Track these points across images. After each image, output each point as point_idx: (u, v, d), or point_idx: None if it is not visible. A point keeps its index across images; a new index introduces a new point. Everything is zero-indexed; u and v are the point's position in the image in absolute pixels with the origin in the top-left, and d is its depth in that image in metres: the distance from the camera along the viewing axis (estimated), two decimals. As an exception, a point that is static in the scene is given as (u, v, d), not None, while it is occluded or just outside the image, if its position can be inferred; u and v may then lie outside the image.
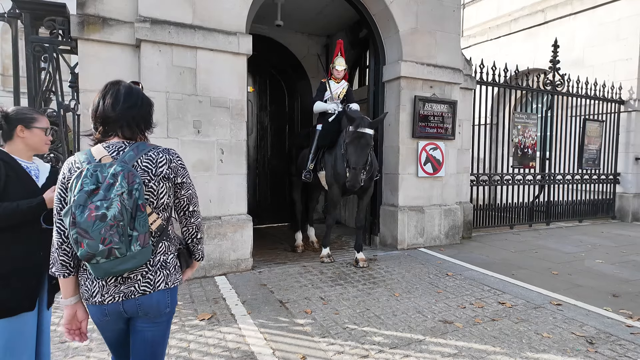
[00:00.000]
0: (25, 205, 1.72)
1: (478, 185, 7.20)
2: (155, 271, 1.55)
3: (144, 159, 1.52)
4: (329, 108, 5.27)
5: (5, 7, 4.28)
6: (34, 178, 1.85)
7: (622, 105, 8.84)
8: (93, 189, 1.37)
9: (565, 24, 9.79)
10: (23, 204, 1.72)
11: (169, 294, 1.59)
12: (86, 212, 1.34)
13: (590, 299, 3.91)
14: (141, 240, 1.42)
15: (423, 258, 5.34)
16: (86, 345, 2.84)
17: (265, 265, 4.94)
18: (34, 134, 1.86)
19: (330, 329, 3.16)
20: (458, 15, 6.14)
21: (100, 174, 1.40)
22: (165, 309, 1.59)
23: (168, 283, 1.59)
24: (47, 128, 1.92)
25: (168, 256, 1.61)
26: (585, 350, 2.88)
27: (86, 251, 1.34)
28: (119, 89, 1.56)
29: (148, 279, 1.53)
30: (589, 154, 8.64)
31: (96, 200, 1.36)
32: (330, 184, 5.11)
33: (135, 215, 1.41)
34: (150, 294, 1.54)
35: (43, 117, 1.93)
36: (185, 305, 3.60)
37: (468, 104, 6.72)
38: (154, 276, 1.55)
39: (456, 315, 3.48)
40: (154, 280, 1.55)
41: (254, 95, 7.60)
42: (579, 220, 8.57)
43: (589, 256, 5.64)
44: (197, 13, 4.39)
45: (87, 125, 4.11)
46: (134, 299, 1.51)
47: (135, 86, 1.64)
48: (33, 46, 4.12)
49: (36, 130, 1.86)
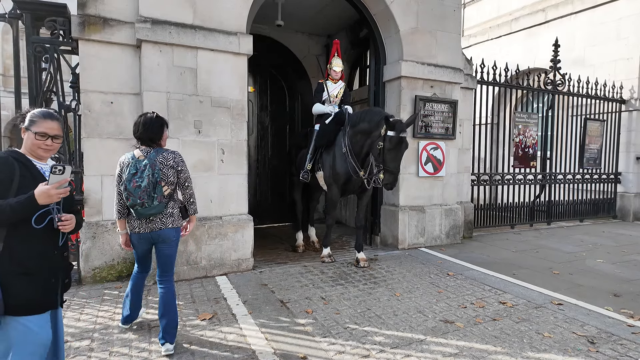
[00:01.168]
0: (14, 201, 1.71)
1: (479, 185, 7.20)
2: (167, 217, 2.81)
3: (160, 157, 2.78)
4: (326, 111, 5.27)
5: (6, 7, 4.29)
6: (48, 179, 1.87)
7: (623, 104, 8.83)
8: (134, 172, 2.69)
9: (565, 23, 9.78)
10: (12, 200, 1.71)
11: (174, 230, 2.85)
12: (131, 183, 2.67)
13: (592, 299, 3.91)
14: (159, 199, 2.71)
15: (424, 258, 5.34)
16: (87, 345, 2.85)
17: (266, 265, 4.94)
18: (27, 137, 1.86)
19: (331, 328, 3.16)
20: (458, 15, 6.14)
21: (138, 165, 2.71)
22: (173, 238, 2.85)
23: (174, 224, 2.85)
24: (43, 132, 1.85)
25: (174, 210, 2.87)
26: (587, 350, 2.87)
27: (131, 203, 2.69)
28: (141, 120, 2.82)
29: (163, 221, 2.79)
30: (590, 154, 8.63)
31: (136, 177, 2.67)
32: (329, 184, 5.11)
33: (156, 186, 2.69)
34: (164, 229, 2.79)
35: (45, 121, 1.86)
36: (187, 305, 3.60)
37: (469, 104, 6.71)
38: (167, 219, 2.81)
39: (457, 315, 3.47)
40: (166, 222, 2.80)
41: (254, 95, 7.60)
42: (580, 220, 8.56)
43: (590, 256, 5.64)
44: (198, 13, 4.39)
45: (88, 126, 4.14)
46: (156, 231, 2.78)
47: (151, 114, 2.85)
48: (34, 46, 4.13)
49: (30, 134, 1.86)
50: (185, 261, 4.33)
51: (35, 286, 1.80)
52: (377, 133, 4.51)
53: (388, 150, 4.39)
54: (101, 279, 4.21)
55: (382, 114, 4.62)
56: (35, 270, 1.81)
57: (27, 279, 1.78)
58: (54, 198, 1.74)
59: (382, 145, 4.39)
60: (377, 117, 4.60)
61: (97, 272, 4.21)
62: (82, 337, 2.96)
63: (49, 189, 1.71)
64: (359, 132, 4.76)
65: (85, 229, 4.16)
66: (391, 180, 4.46)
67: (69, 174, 1.78)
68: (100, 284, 4.14)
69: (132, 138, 4.34)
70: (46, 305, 1.86)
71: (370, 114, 4.76)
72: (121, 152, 4.28)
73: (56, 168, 1.72)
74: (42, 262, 1.84)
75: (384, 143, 4.38)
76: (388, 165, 4.41)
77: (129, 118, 4.31)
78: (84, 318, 3.31)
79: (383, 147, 4.39)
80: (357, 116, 4.91)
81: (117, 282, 4.20)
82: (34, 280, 1.80)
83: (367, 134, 4.68)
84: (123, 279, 4.28)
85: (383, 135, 4.38)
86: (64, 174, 1.74)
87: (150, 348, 2.81)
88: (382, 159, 4.41)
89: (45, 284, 1.85)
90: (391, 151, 4.39)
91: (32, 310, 1.79)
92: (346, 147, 4.85)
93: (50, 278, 1.87)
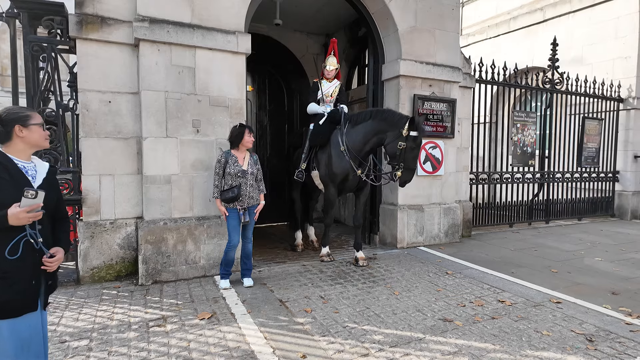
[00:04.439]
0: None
1: (477, 183, 7.21)
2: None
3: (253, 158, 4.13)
4: (319, 111, 5.27)
5: (3, 6, 4.27)
6: (30, 178, 1.82)
7: (621, 103, 8.84)
8: None
9: (564, 22, 9.79)
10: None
11: None
12: None
13: (590, 297, 3.92)
14: None
15: (423, 257, 5.35)
16: (86, 345, 2.84)
17: (265, 264, 4.94)
18: (32, 132, 1.84)
19: (330, 327, 3.16)
20: (457, 14, 6.14)
21: None
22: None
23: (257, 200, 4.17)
24: (42, 123, 1.91)
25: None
26: (585, 348, 2.88)
27: None
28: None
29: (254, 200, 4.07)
30: (588, 152, 8.65)
31: None
32: (325, 183, 5.10)
33: None
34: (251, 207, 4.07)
35: (36, 113, 1.91)
36: (185, 305, 3.60)
37: (467, 103, 6.72)
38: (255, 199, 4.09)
39: (456, 313, 3.48)
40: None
41: (253, 95, 7.60)
42: (578, 219, 8.58)
43: (588, 254, 5.65)
44: (196, 12, 4.38)
45: (86, 125, 4.13)
46: None
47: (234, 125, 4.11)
48: (31, 46, 4.11)
49: (34, 127, 1.84)
50: (184, 260, 4.32)
51: (11, 289, 1.75)
52: (394, 132, 4.53)
53: (410, 150, 4.46)
54: (100, 279, 4.21)
55: (401, 114, 4.67)
56: (13, 274, 1.76)
57: (2, 282, 1.73)
58: (24, 221, 1.70)
59: (404, 145, 4.44)
60: (396, 116, 4.62)
61: (95, 272, 4.20)
62: (80, 337, 2.96)
63: (18, 212, 1.67)
64: (366, 131, 4.75)
65: (83, 229, 4.16)
66: (410, 177, 4.61)
67: (42, 200, 1.72)
68: (98, 284, 4.14)
69: (130, 137, 4.39)
70: (24, 308, 1.81)
71: (386, 113, 4.75)
72: (119, 151, 4.32)
73: (28, 192, 1.67)
74: (20, 264, 1.78)
75: (406, 143, 4.43)
76: (409, 164, 4.52)
77: (126, 117, 4.31)
78: (83, 318, 3.30)
79: (405, 147, 4.44)
80: (363, 115, 4.89)
81: (115, 282, 4.19)
82: (10, 283, 1.75)
83: (376, 133, 4.69)
84: (122, 278, 4.28)
85: (406, 135, 4.42)
86: (36, 198, 1.69)
87: (149, 348, 2.81)
88: (403, 158, 4.48)
89: (25, 287, 1.80)
90: (413, 150, 4.48)
91: (7, 314, 1.75)
92: (344, 145, 4.85)
93: (30, 280, 1.82)
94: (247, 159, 4.09)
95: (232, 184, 3.95)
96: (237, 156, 4.04)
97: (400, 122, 4.51)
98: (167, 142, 4.30)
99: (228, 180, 3.97)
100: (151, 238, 4.20)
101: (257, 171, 4.15)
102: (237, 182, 3.96)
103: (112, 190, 4.29)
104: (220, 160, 4.01)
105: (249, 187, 4.03)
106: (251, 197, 4.07)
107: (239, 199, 3.96)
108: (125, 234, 4.33)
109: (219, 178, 4.00)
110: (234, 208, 3.99)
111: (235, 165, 3.98)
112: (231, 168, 3.97)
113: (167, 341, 2.91)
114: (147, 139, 4.23)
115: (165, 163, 4.30)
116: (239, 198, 3.94)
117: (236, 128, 4.07)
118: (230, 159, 4.01)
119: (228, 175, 3.97)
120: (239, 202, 3.98)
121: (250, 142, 4.08)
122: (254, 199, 4.11)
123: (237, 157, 4.03)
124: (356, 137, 4.83)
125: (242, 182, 3.98)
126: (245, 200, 4.02)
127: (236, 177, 3.97)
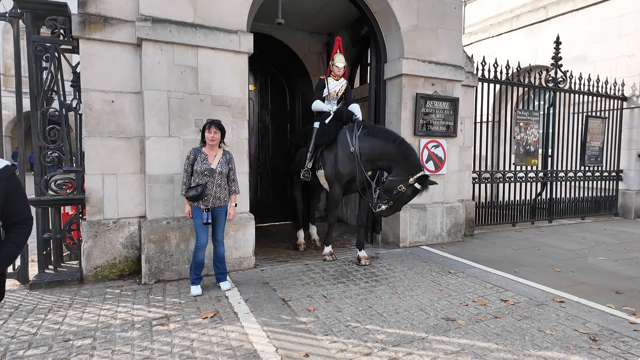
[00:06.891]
0: None
1: (480, 182, 7.19)
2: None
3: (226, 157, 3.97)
4: (324, 109, 5.21)
5: (6, 6, 4.28)
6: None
7: (625, 101, 8.81)
8: None
9: (567, 20, 9.75)
10: None
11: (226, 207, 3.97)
12: None
13: (593, 296, 3.90)
14: None
15: (425, 256, 5.34)
16: (89, 343, 2.85)
17: (268, 263, 4.94)
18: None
19: (332, 326, 3.16)
20: (459, 12, 6.12)
21: None
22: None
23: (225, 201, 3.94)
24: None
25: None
26: (589, 347, 2.87)
27: None
28: None
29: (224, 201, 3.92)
30: (592, 151, 8.62)
31: None
32: (331, 182, 5.08)
33: None
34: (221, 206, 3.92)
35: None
36: (188, 304, 3.61)
37: (470, 102, 6.70)
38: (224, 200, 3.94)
39: (459, 312, 3.47)
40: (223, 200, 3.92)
41: (255, 94, 7.60)
42: (582, 218, 8.55)
43: (591, 253, 5.63)
44: (198, 12, 4.38)
45: (89, 125, 4.14)
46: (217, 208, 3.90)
47: None
48: (35, 46, 4.13)
49: None
50: (187, 260, 4.33)
51: None
52: (402, 173, 4.53)
53: (406, 196, 4.57)
54: (103, 278, 4.22)
55: (420, 162, 4.69)
56: None
57: None
58: None
59: (403, 190, 4.51)
60: (416, 161, 4.59)
61: (99, 271, 4.22)
62: (84, 336, 2.97)
63: None
64: (382, 150, 4.68)
65: (86, 228, 4.17)
66: (389, 215, 4.86)
67: None
68: (102, 283, 4.15)
69: (133, 137, 4.40)
70: None
71: (409, 150, 4.62)
72: (122, 150, 4.33)
73: None
74: None
75: (406, 189, 4.51)
76: (397, 206, 4.68)
77: (129, 117, 4.32)
78: (86, 317, 3.31)
79: (404, 192, 4.52)
80: (383, 133, 4.77)
81: (118, 281, 4.21)
82: None
83: (391, 160, 4.66)
84: (125, 277, 4.29)
85: (411, 183, 4.48)
86: None
87: (153, 346, 2.82)
88: (395, 198, 4.57)
89: None
90: (408, 197, 4.60)
91: None
92: (355, 148, 4.81)
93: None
94: (218, 157, 3.90)
95: (199, 182, 3.79)
96: (208, 154, 3.87)
97: (415, 169, 4.53)
98: (169, 142, 4.31)
99: (195, 178, 3.81)
100: (154, 237, 4.21)
101: (230, 171, 3.95)
102: (204, 181, 3.80)
103: (115, 190, 4.31)
104: (189, 157, 3.86)
105: (215, 187, 3.83)
106: (217, 197, 3.86)
107: (204, 199, 3.80)
108: (128, 233, 4.35)
109: (187, 175, 3.84)
110: (198, 207, 3.81)
111: (203, 163, 3.81)
112: (198, 165, 3.80)
113: (170, 340, 2.92)
114: (150, 138, 4.24)
115: (168, 162, 4.31)
116: (202, 197, 3.78)
117: None
118: (200, 156, 3.84)
119: (195, 172, 3.81)
120: (203, 202, 3.80)
121: (212, 140, 3.82)
122: (221, 200, 3.89)
123: (207, 155, 3.86)
124: (371, 149, 4.75)
125: (209, 181, 3.81)
126: (210, 201, 3.82)
127: (203, 175, 3.79)
